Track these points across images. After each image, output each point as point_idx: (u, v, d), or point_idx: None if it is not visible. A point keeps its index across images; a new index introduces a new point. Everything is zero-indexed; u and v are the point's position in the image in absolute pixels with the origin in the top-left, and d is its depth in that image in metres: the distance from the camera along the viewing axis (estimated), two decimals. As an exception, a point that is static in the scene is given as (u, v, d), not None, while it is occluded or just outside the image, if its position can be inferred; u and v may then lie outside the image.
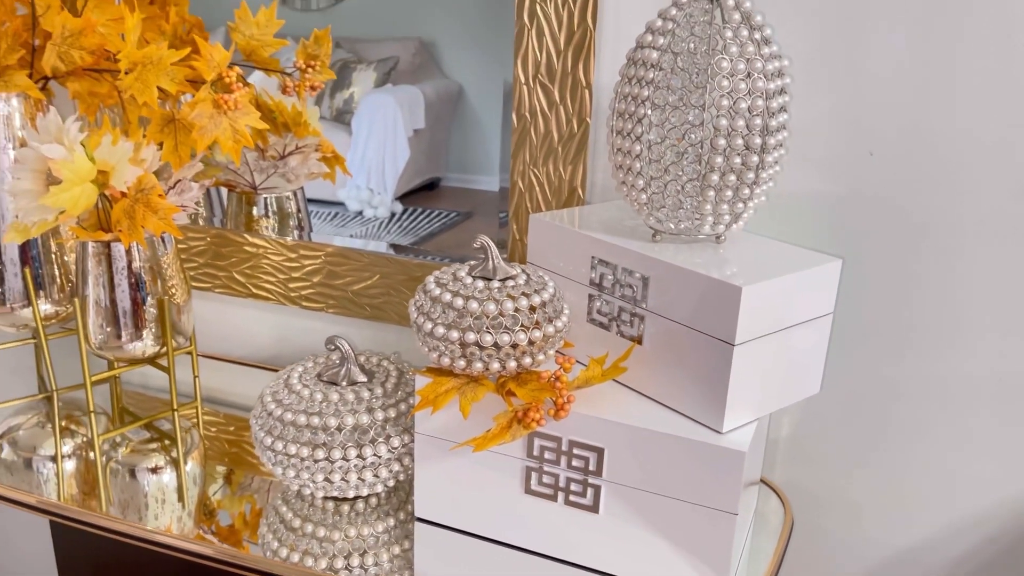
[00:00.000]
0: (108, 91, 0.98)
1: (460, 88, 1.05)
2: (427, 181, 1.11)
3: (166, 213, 0.88)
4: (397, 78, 1.09)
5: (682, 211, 0.71)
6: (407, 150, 1.10)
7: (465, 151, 1.07)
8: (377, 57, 1.09)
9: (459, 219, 1.09)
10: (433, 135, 1.09)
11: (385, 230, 1.11)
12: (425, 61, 1.06)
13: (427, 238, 1.09)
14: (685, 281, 0.68)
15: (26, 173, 0.87)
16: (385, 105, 1.10)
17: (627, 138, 0.70)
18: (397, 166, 1.11)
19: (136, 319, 0.94)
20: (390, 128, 1.10)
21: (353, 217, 1.13)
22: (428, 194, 1.11)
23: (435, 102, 1.08)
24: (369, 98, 1.11)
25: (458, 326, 0.71)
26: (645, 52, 0.69)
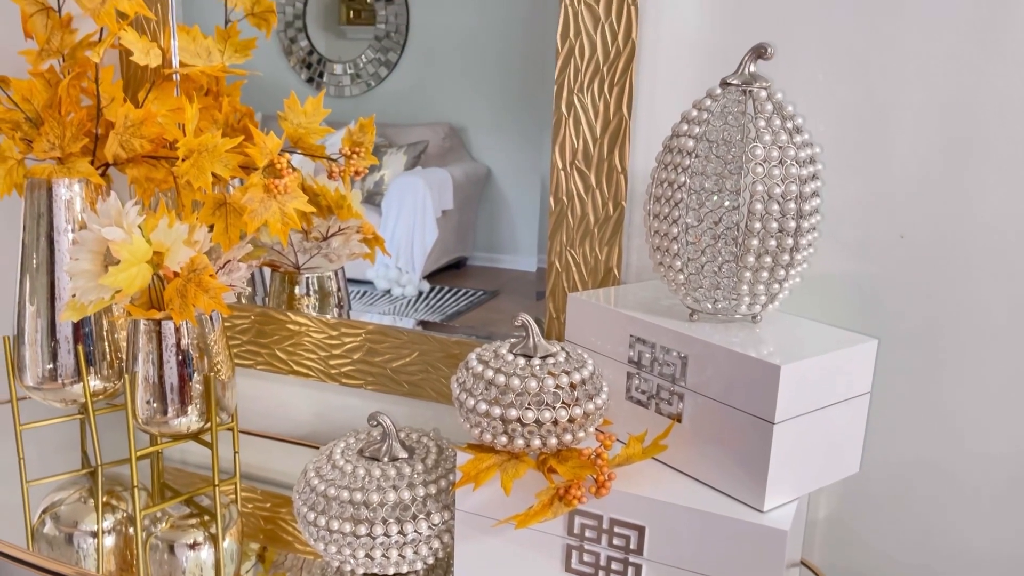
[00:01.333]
0: (164, 176, 1.03)
1: (488, 170, 1.09)
2: (454, 260, 1.14)
3: (216, 292, 0.91)
4: (427, 161, 1.12)
5: (719, 291, 0.73)
6: (435, 230, 1.14)
7: (492, 231, 1.10)
8: (407, 141, 1.13)
9: (486, 298, 1.11)
10: (461, 215, 1.13)
11: (413, 308, 1.14)
12: (454, 145, 1.10)
13: (454, 316, 1.11)
14: (724, 360, 0.70)
15: (85, 254, 0.91)
16: (415, 187, 1.14)
17: (664, 221, 0.73)
18: (425, 246, 1.14)
19: (182, 395, 0.97)
20: (419, 209, 1.14)
21: (382, 295, 1.15)
22: (455, 273, 1.13)
23: (463, 184, 1.12)
24: (399, 180, 1.14)
25: (500, 402, 0.73)
26: (681, 140, 0.72)
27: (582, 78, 0.89)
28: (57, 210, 0.99)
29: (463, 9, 1.05)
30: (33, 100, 1.01)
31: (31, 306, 1.00)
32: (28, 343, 1.01)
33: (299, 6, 1.14)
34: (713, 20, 0.86)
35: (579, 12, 0.88)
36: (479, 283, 1.11)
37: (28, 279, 1.00)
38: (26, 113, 1.00)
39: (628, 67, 0.87)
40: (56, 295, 1.00)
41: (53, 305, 1.00)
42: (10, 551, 0.93)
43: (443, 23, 1.07)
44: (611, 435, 0.72)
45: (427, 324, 1.10)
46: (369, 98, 1.13)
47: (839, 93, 0.83)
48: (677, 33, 0.88)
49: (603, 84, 0.88)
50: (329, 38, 1.14)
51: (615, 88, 0.88)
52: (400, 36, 1.09)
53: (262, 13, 1.07)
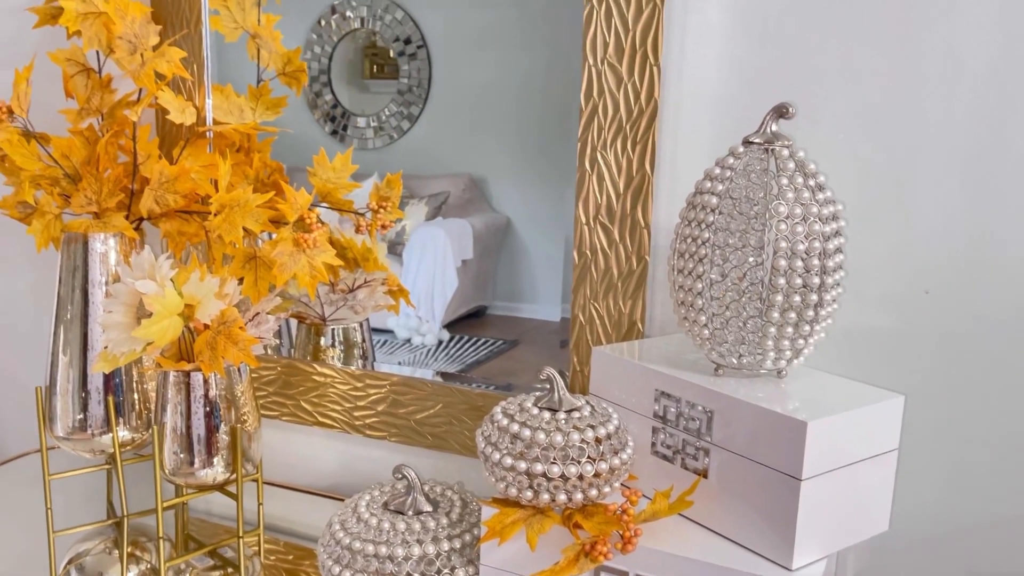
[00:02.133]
0: (196, 230, 1.05)
1: (508, 220, 1.10)
2: (474, 309, 1.15)
3: (246, 344, 0.92)
4: (447, 211, 1.13)
5: (744, 346, 0.73)
6: (455, 280, 1.15)
7: (512, 280, 1.11)
8: (429, 192, 1.14)
9: (506, 347, 1.12)
10: (481, 265, 1.14)
11: (433, 357, 1.14)
12: (474, 195, 1.12)
13: (474, 365, 1.12)
14: (750, 415, 0.70)
15: (118, 306, 0.93)
16: (435, 237, 1.15)
17: (689, 276, 0.74)
18: (445, 295, 1.15)
19: (209, 446, 0.97)
20: (440, 259, 1.15)
21: (401, 344, 1.16)
22: (475, 322, 1.14)
23: (483, 234, 1.13)
24: (420, 230, 1.16)
25: (525, 457, 0.73)
26: (705, 197, 0.73)
27: (605, 136, 0.91)
28: (92, 263, 1.01)
29: (483, 65, 1.07)
30: (72, 157, 1.04)
31: (64, 357, 1.02)
32: (60, 393, 1.02)
33: (324, 61, 1.17)
34: (733, 79, 0.88)
35: (602, 73, 0.90)
36: (499, 332, 1.12)
37: (62, 330, 1.02)
38: (65, 169, 1.03)
39: (651, 125, 0.89)
40: (89, 346, 1.02)
41: (85, 356, 1.02)
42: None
43: (464, 78, 1.09)
44: (637, 491, 0.72)
45: (448, 375, 1.11)
46: (392, 150, 1.15)
47: (860, 151, 0.84)
48: (698, 92, 0.90)
49: (626, 141, 0.90)
50: (353, 92, 1.17)
51: (638, 145, 0.89)
52: (422, 90, 1.11)
53: (293, 72, 1.11)
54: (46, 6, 1.06)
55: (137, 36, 0.97)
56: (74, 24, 0.96)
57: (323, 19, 1.16)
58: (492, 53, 1.06)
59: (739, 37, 0.88)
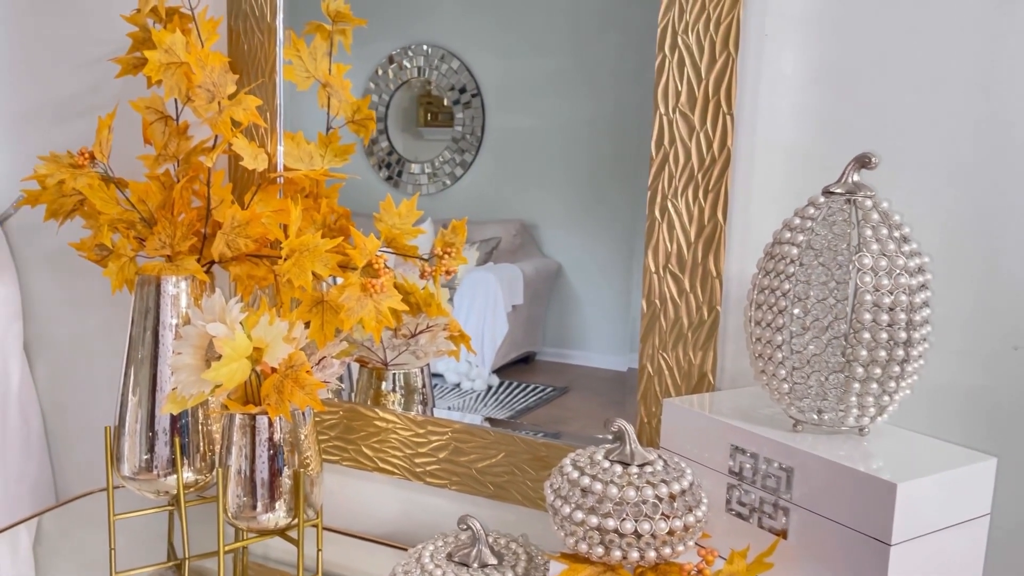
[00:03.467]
0: (264, 273, 1.06)
1: (559, 266, 1.09)
2: (523, 355, 1.14)
3: (312, 389, 0.92)
4: (498, 256, 1.13)
5: (825, 402, 0.71)
6: (506, 325, 1.14)
7: (562, 326, 1.10)
8: (480, 238, 1.14)
9: (555, 394, 1.11)
10: (531, 310, 1.13)
11: (482, 403, 1.13)
12: (525, 241, 1.12)
13: (523, 412, 1.10)
14: (833, 474, 0.67)
15: (188, 348, 0.94)
16: (486, 282, 1.15)
17: (767, 328, 0.72)
18: (495, 340, 1.14)
19: (272, 490, 0.97)
20: (490, 304, 1.15)
21: (451, 389, 1.15)
22: (524, 367, 1.13)
23: (534, 279, 1.12)
24: (472, 275, 1.15)
25: (597, 511, 0.71)
26: (784, 248, 0.72)
27: (676, 184, 0.90)
28: (164, 305, 1.03)
29: (536, 113, 1.08)
30: (148, 201, 1.07)
31: (133, 397, 1.04)
32: (128, 433, 1.04)
33: (381, 109, 1.18)
34: (807, 129, 0.87)
35: (674, 121, 0.89)
36: (548, 379, 1.11)
37: (132, 371, 1.04)
38: (141, 213, 1.06)
39: (723, 174, 0.88)
40: (158, 387, 1.03)
41: (154, 397, 1.03)
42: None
43: (517, 126, 1.10)
44: (713, 550, 0.70)
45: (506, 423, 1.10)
46: (445, 196, 1.16)
47: (945, 200, 0.82)
48: (772, 141, 0.88)
49: (698, 190, 0.89)
50: (407, 139, 1.18)
51: (710, 194, 0.88)
52: (475, 138, 1.12)
53: (362, 120, 1.13)
54: (129, 56, 1.10)
55: (215, 85, 1.00)
56: (156, 74, 0.99)
57: (380, 68, 1.18)
58: (546, 101, 1.07)
59: (813, 86, 0.87)
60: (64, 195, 1.10)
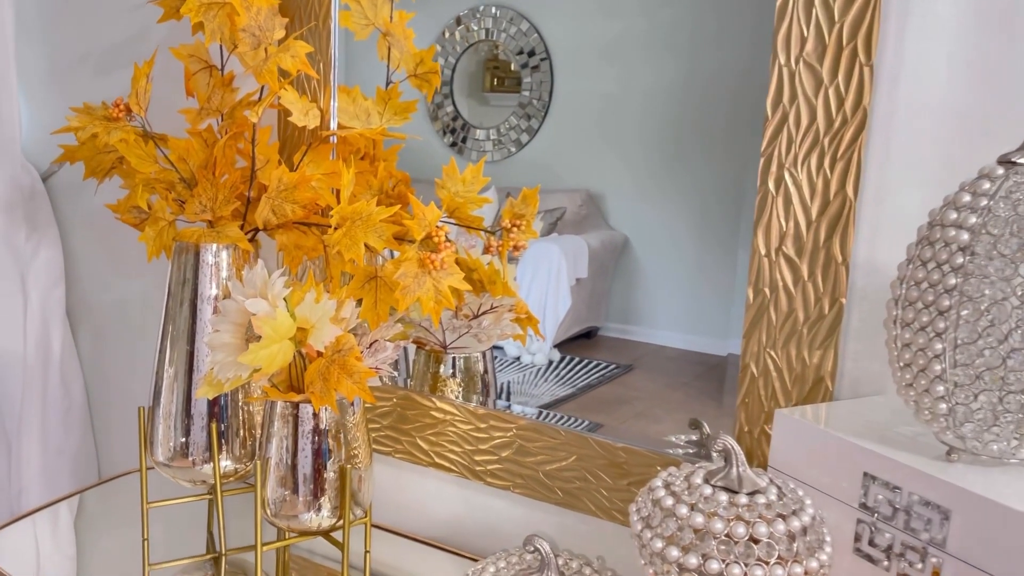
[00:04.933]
0: (314, 244, 0.96)
1: (625, 239, 1.04)
2: (585, 330, 1.08)
3: (362, 377, 0.81)
4: (563, 228, 1.08)
5: (997, 428, 0.56)
6: (569, 298, 1.08)
7: (627, 302, 1.05)
8: (545, 207, 1.08)
9: (618, 372, 1.04)
10: (595, 284, 1.07)
11: (542, 378, 1.07)
12: (591, 212, 1.06)
13: (585, 389, 1.04)
14: (1009, 523, 0.53)
15: (226, 325, 0.84)
16: (550, 254, 1.10)
17: (922, 333, 0.57)
18: (558, 314, 1.08)
19: (316, 487, 0.87)
20: (553, 277, 1.09)
21: (511, 362, 1.09)
22: (586, 343, 1.07)
23: (599, 252, 1.07)
24: (535, 247, 1.09)
25: (697, 550, 0.58)
26: (950, 232, 0.56)
27: (796, 150, 0.75)
28: (203, 276, 0.93)
29: (607, 78, 1.02)
30: (189, 160, 0.96)
31: (168, 376, 0.94)
32: (162, 416, 0.94)
33: (447, 73, 1.14)
34: (967, 84, 0.71)
35: (796, 74, 0.74)
36: (611, 355, 1.05)
37: (168, 347, 0.94)
38: (181, 173, 0.96)
39: (857, 139, 0.72)
40: (194, 367, 0.93)
41: (191, 377, 0.94)
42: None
43: (587, 91, 1.04)
44: (842, 606, 0.56)
45: (561, 400, 1.03)
46: (510, 164, 1.11)
47: None
48: (919, 98, 0.72)
49: (823, 157, 0.74)
50: (473, 104, 1.13)
51: (839, 163, 0.73)
52: (543, 103, 1.07)
53: (425, 74, 1.00)
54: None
55: (262, 29, 0.88)
56: (196, 14, 0.87)
57: (447, 31, 1.14)
58: (617, 66, 1.00)
59: (975, 32, 0.70)
60: (101, 151, 1.01)
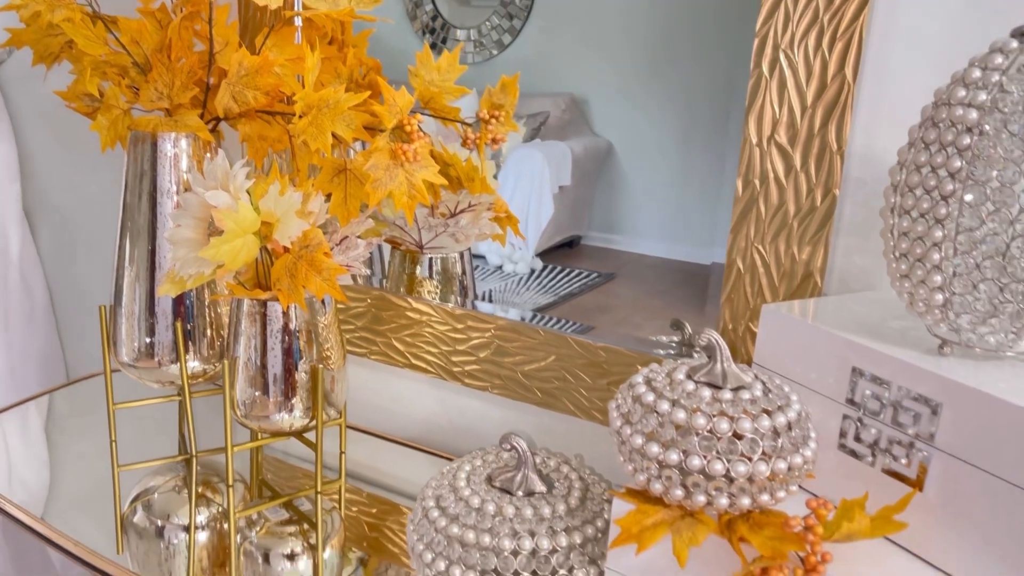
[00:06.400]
0: (279, 135, 0.90)
1: (609, 145, 1.00)
2: (568, 239, 1.06)
3: (331, 274, 0.77)
4: (546, 133, 1.05)
5: (995, 320, 0.53)
6: (551, 206, 1.05)
7: (609, 210, 1.02)
8: (527, 112, 1.05)
9: (600, 280, 1.02)
10: (578, 192, 1.05)
11: (524, 286, 1.05)
12: (575, 117, 1.03)
13: (567, 298, 1.02)
14: (1002, 416, 0.51)
15: (188, 220, 0.79)
16: (533, 160, 1.07)
17: (921, 220, 0.54)
18: (540, 222, 1.05)
19: (287, 386, 0.84)
20: (536, 183, 1.06)
21: (493, 271, 1.07)
22: (568, 252, 1.05)
23: (582, 159, 1.04)
24: (517, 152, 1.07)
25: (679, 446, 0.56)
26: (956, 111, 0.52)
27: (794, 28, 0.70)
28: (161, 168, 0.88)
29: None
30: (142, 43, 0.89)
31: (130, 274, 0.90)
32: (125, 315, 0.90)
33: None
34: (980, -45, 0.65)
35: (796, -56, 0.68)
36: (593, 264, 1.03)
37: (128, 244, 0.90)
38: (134, 57, 0.89)
39: (859, 16, 0.67)
40: (156, 264, 0.89)
41: (153, 275, 0.89)
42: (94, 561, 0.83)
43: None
44: (826, 501, 0.54)
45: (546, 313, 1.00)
46: (491, 66, 1.07)
47: None
48: (928, -29, 0.67)
49: (822, 37, 0.69)
50: (453, 4, 1.09)
51: (838, 43, 0.68)
52: (526, 2, 1.03)
53: (397, -48, 0.93)
54: None
55: None
56: None
57: None
58: None
59: None
60: (48, 34, 0.93)
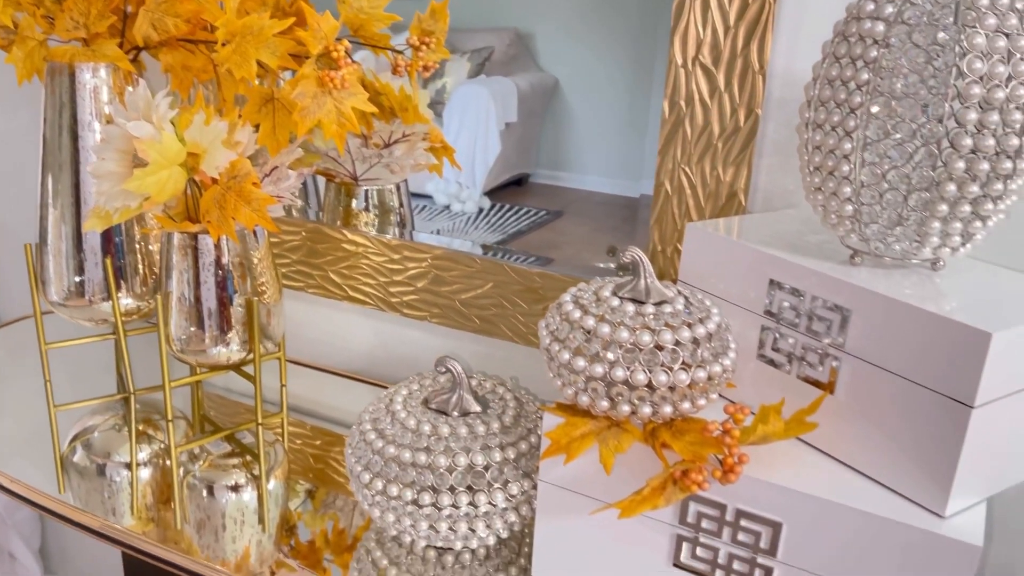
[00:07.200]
0: (203, 65, 0.88)
1: (555, 82, 0.99)
2: (516, 177, 1.05)
3: (260, 204, 0.77)
4: (491, 69, 1.03)
5: (900, 228, 0.56)
6: (498, 144, 1.04)
7: (557, 147, 1.01)
8: (471, 47, 1.03)
9: (549, 218, 1.02)
10: (524, 129, 1.03)
11: (472, 225, 1.04)
12: (520, 53, 1.01)
13: (515, 236, 1.02)
14: (904, 319, 0.53)
15: (111, 153, 0.77)
16: (478, 97, 1.05)
17: (833, 133, 0.56)
18: (487, 160, 1.05)
19: (222, 320, 0.84)
20: (482, 121, 1.04)
21: (440, 211, 1.06)
22: (516, 190, 1.05)
23: (529, 95, 1.03)
24: (462, 89, 1.05)
25: (604, 359, 0.58)
26: (865, 24, 0.54)
27: (716, -52, 0.70)
28: (81, 100, 0.85)
29: None
30: (54, -31, 0.86)
31: (54, 210, 0.88)
32: (52, 253, 0.89)
33: None
34: None
35: None
36: (541, 202, 1.02)
37: (51, 180, 0.87)
38: (46, -16, 0.85)
39: (779, -67, 0.68)
40: (81, 200, 0.87)
41: (79, 211, 0.87)
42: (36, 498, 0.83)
43: None
44: (743, 407, 0.57)
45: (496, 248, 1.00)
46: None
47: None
48: None
49: (744, -44, 0.69)
50: None
51: (759, -39, 0.69)
52: None
53: None
54: None
55: None
56: None
57: None
58: None
59: None
60: (-47, -39, 0.89)
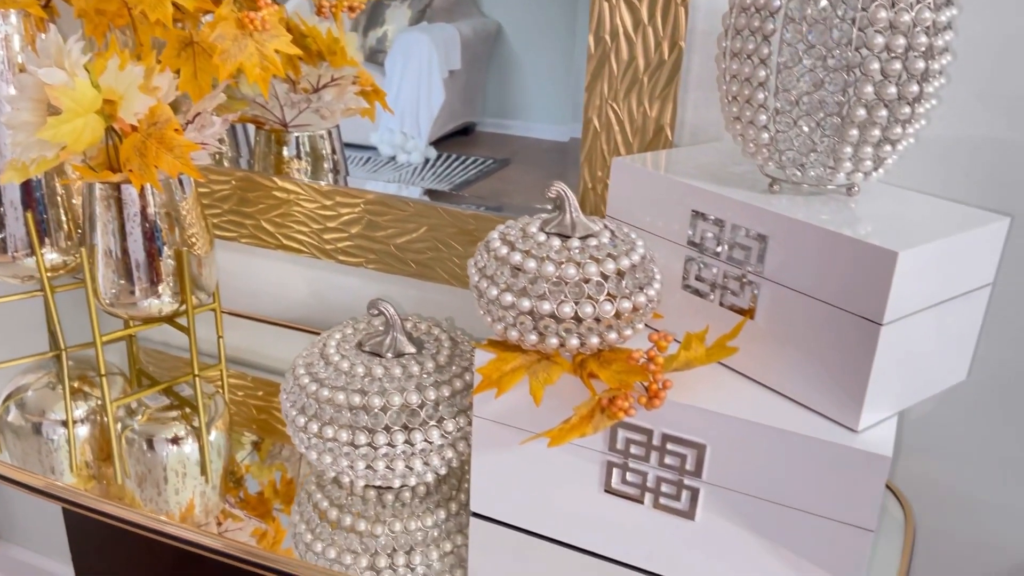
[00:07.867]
0: (117, 9, 0.85)
1: (499, 27, 0.98)
2: (462, 126, 1.04)
3: (183, 151, 0.75)
4: (432, 16, 1.01)
5: (814, 154, 0.57)
6: (442, 92, 1.03)
7: (502, 95, 1.00)
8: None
9: (495, 167, 1.02)
10: (469, 77, 1.02)
11: (419, 176, 1.03)
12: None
13: (462, 185, 1.02)
14: (819, 243, 0.55)
15: (25, 103, 0.75)
16: (420, 44, 1.03)
17: (747, 62, 0.56)
18: (432, 109, 1.03)
19: (151, 272, 0.83)
20: (424, 69, 1.03)
21: (386, 162, 1.05)
22: (463, 139, 1.03)
23: (472, 41, 1.01)
24: (403, 37, 1.03)
25: (530, 293, 0.58)
26: (777, -50, 0.54)
27: None
28: (-11, 48, 0.82)
29: None
30: (-49, -91, 0.81)
31: (-31, 166, 0.85)
32: (-31, 209, 0.86)
33: None
34: None
35: None
36: (488, 151, 1.01)
37: (-37, 133, 0.84)
38: (-57, -75, 0.81)
39: None
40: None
41: (-5, 165, 0.85)
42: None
43: None
44: (666, 334, 0.58)
45: (435, 194, 0.97)
46: None
47: None
48: None
49: None
50: None
51: None
52: None
53: None
54: None
55: None
56: None
57: None
58: None
59: None
60: None
